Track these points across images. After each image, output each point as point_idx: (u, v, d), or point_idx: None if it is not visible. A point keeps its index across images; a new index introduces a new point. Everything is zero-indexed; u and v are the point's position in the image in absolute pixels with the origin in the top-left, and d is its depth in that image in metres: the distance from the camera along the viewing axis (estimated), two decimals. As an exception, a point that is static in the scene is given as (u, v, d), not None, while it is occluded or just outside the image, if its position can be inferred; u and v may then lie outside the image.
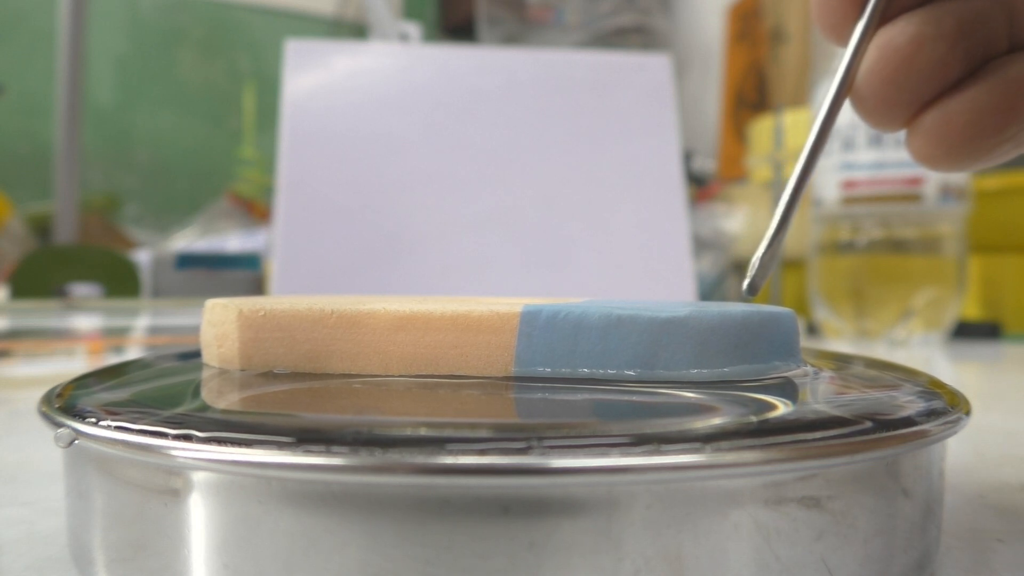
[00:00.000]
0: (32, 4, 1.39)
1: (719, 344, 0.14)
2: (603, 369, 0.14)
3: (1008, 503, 0.18)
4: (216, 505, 0.11)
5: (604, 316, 0.14)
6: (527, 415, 0.13)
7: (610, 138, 0.47)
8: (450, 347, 0.15)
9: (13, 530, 0.16)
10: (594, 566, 0.10)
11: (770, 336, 0.14)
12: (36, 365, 0.41)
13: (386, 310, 0.15)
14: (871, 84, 0.15)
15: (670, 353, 0.14)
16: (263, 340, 0.15)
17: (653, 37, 1.43)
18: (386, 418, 0.12)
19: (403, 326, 0.15)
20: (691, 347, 0.14)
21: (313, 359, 0.15)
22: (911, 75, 0.15)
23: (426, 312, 0.15)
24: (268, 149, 0.99)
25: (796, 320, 0.15)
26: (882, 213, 0.57)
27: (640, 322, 0.14)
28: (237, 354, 0.15)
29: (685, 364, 0.14)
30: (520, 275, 0.43)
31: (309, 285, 0.41)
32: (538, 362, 0.14)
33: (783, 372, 0.15)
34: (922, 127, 0.15)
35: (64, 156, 0.87)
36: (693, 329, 0.14)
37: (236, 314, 0.15)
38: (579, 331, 0.14)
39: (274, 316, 0.15)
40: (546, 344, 0.14)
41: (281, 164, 0.43)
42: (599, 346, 0.14)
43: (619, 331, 0.14)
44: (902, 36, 0.15)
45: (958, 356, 0.53)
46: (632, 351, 0.14)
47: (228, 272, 0.75)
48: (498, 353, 0.14)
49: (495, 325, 0.14)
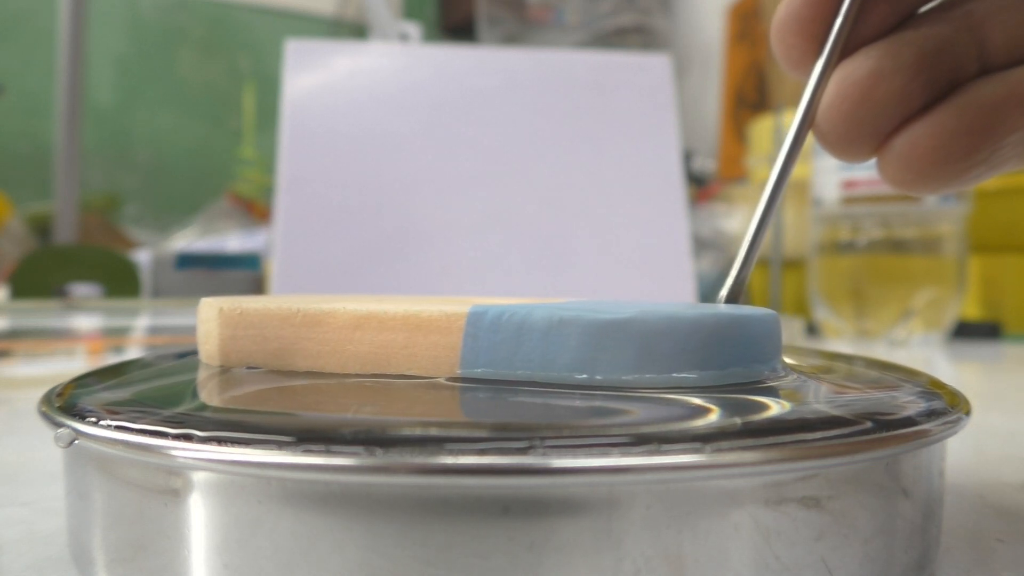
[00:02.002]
0: (32, 4, 1.39)
1: (665, 348, 0.13)
2: (544, 372, 0.13)
3: (1008, 503, 0.18)
4: (216, 505, 0.11)
5: (546, 318, 0.13)
6: (443, 415, 0.13)
7: (610, 138, 0.47)
8: (401, 347, 0.15)
9: (13, 530, 0.16)
10: (594, 566, 0.10)
11: (731, 340, 0.13)
12: (36, 365, 0.41)
13: (344, 309, 0.15)
14: (831, 120, 0.15)
15: (611, 357, 0.13)
16: (239, 337, 0.16)
17: (653, 37, 1.43)
18: (386, 418, 0.12)
19: (360, 325, 0.15)
20: (633, 351, 0.13)
21: (281, 356, 0.16)
22: (870, 109, 0.15)
23: (380, 312, 0.15)
24: (268, 149, 0.99)
25: (772, 323, 0.14)
26: (882, 213, 0.57)
27: (580, 324, 0.13)
28: (217, 351, 0.16)
29: (626, 369, 0.13)
30: (519, 275, 0.43)
31: (309, 285, 0.41)
32: (482, 363, 0.14)
33: (746, 379, 0.14)
34: (891, 153, 0.15)
35: (64, 156, 0.87)
36: (635, 332, 0.13)
37: (217, 312, 0.16)
38: (522, 333, 0.13)
39: (248, 314, 0.16)
40: (490, 346, 0.14)
41: (281, 164, 0.43)
42: (540, 348, 0.13)
43: (560, 333, 0.13)
44: (860, 70, 0.15)
45: (958, 356, 0.53)
46: (572, 354, 0.13)
47: (228, 272, 0.75)
48: (445, 354, 0.14)
49: (443, 325, 0.14)
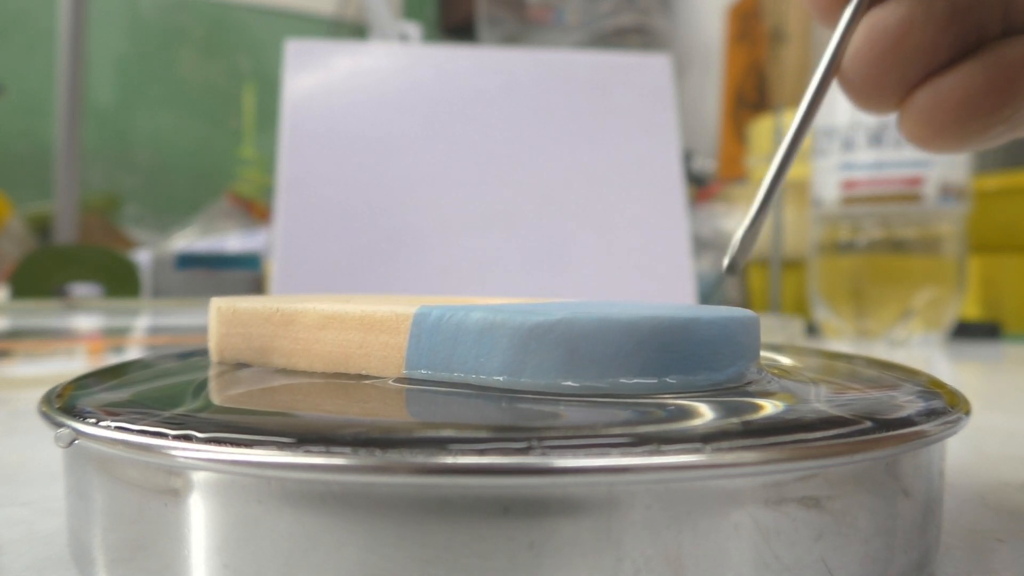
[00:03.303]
0: (32, 4, 1.39)
1: (593, 354, 0.12)
2: (476, 375, 0.13)
3: (1008, 503, 0.18)
4: (216, 505, 0.11)
5: (480, 320, 0.13)
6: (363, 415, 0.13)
7: (610, 138, 0.47)
8: (357, 347, 0.15)
9: (13, 530, 0.16)
10: (594, 566, 0.10)
11: (673, 347, 0.13)
12: (36, 365, 0.41)
13: (314, 309, 0.15)
14: (859, 66, 0.15)
15: (538, 361, 0.12)
16: (231, 335, 0.17)
17: (653, 37, 1.43)
18: (387, 418, 0.12)
19: (325, 325, 0.15)
20: (560, 356, 0.12)
21: (263, 354, 0.16)
22: (899, 57, 0.15)
23: (341, 312, 0.15)
24: (268, 149, 0.99)
25: (734, 326, 0.13)
26: (882, 213, 0.57)
27: (509, 327, 0.13)
28: (215, 348, 0.17)
29: (553, 374, 0.12)
30: (519, 275, 0.43)
31: (309, 285, 0.41)
32: (423, 365, 0.14)
33: (691, 388, 0.13)
34: (914, 106, 0.15)
35: (64, 156, 0.87)
36: (561, 336, 0.12)
37: (215, 311, 0.17)
38: (459, 335, 0.13)
39: (238, 313, 0.16)
40: (430, 347, 0.14)
41: (281, 164, 0.43)
42: (474, 351, 0.13)
43: (491, 336, 0.13)
44: (892, 17, 0.15)
45: (958, 356, 0.53)
46: (501, 357, 0.13)
47: (228, 272, 0.75)
48: (394, 354, 0.14)
49: (392, 326, 0.14)
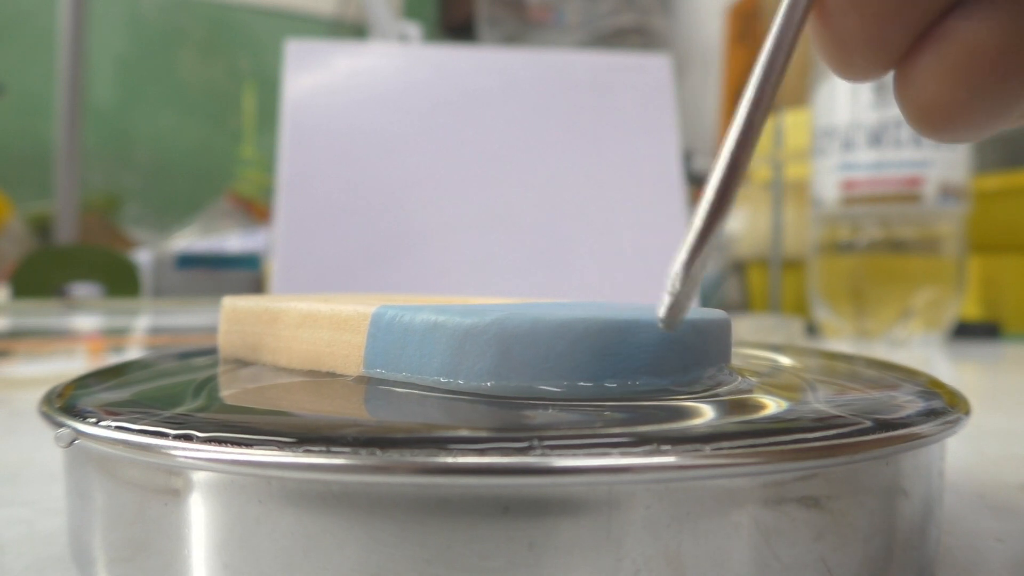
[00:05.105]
0: (32, 4, 1.38)
1: (524, 356, 0.12)
2: (419, 375, 0.13)
3: (1008, 503, 0.18)
4: (216, 505, 0.11)
5: (423, 321, 0.13)
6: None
7: (610, 138, 0.47)
8: (326, 345, 0.15)
9: (13, 530, 0.16)
10: (594, 566, 0.10)
11: (608, 350, 0.12)
12: (36, 365, 0.41)
13: (295, 308, 0.16)
14: (842, 4, 0.11)
15: (472, 362, 0.13)
16: (232, 332, 0.17)
17: (653, 37, 1.43)
18: (387, 419, 0.12)
19: (303, 323, 0.16)
20: (491, 357, 0.12)
21: (254, 351, 0.17)
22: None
23: (315, 310, 0.15)
24: (268, 149, 0.99)
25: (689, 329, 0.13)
26: (882, 213, 0.57)
27: (447, 328, 0.13)
28: (220, 345, 0.18)
29: (485, 375, 0.12)
30: (519, 275, 0.43)
31: (309, 285, 0.41)
32: (378, 364, 0.14)
33: (629, 394, 0.12)
34: (930, 63, 0.11)
35: (64, 156, 0.87)
36: (494, 337, 0.12)
37: (222, 309, 0.18)
38: (407, 335, 0.13)
39: (237, 311, 0.17)
40: (384, 347, 0.14)
41: (281, 164, 0.43)
42: (418, 352, 0.13)
43: (433, 337, 0.13)
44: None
45: (958, 356, 0.53)
46: (440, 358, 0.13)
47: (228, 272, 0.75)
48: (355, 353, 0.14)
49: (353, 324, 0.14)
